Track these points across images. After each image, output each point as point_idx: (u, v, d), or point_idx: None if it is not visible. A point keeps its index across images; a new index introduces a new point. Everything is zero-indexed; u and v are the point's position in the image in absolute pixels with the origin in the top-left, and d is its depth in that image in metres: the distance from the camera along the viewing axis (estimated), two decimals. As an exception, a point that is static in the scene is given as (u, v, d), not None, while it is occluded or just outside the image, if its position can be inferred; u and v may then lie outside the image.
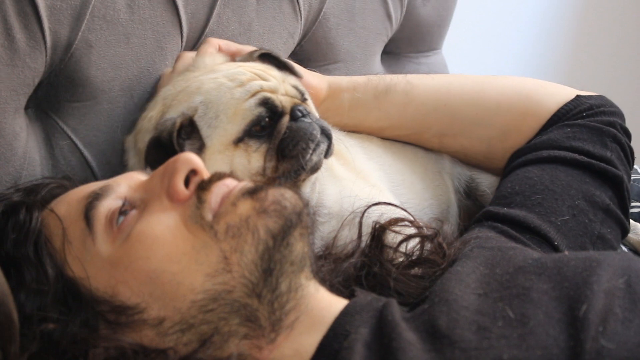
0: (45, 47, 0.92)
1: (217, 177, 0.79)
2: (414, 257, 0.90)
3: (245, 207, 0.75)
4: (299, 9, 1.33)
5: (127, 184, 0.81)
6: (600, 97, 1.17)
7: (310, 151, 0.95)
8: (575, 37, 2.67)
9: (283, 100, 0.96)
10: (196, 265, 0.72)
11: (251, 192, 0.76)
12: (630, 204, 1.09)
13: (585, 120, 1.12)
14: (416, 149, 1.21)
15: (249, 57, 1.04)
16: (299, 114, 0.96)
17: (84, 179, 0.92)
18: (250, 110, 0.93)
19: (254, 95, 0.94)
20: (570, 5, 2.63)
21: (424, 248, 0.91)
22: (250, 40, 1.24)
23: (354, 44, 1.48)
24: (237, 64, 1.00)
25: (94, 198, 0.77)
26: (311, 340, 0.74)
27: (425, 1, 1.68)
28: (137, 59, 1.04)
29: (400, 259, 0.90)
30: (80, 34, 0.96)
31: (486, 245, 0.92)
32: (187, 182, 0.78)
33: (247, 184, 0.79)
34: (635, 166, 1.42)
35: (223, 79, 0.95)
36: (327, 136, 0.97)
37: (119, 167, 1.03)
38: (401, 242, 0.91)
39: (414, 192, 1.16)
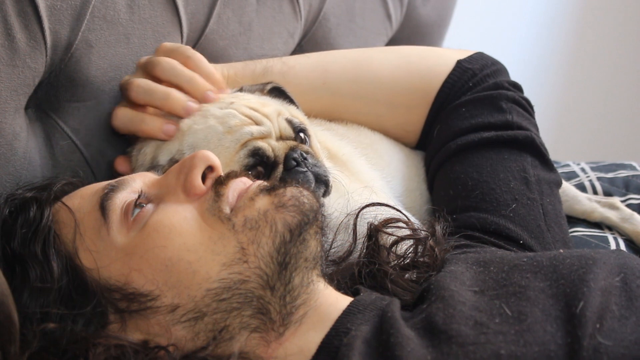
0: (46, 47, 0.92)
1: (234, 174, 0.80)
2: (407, 260, 0.91)
3: (264, 202, 0.77)
4: (299, 9, 1.33)
5: (142, 180, 0.82)
6: (478, 57, 1.16)
7: None
8: (575, 38, 2.67)
9: (276, 147, 0.93)
10: (212, 255, 0.74)
11: (269, 189, 0.78)
12: (548, 153, 1.09)
13: (474, 93, 1.11)
14: (416, 154, 1.21)
15: (260, 89, 1.04)
16: (293, 164, 0.93)
17: (84, 179, 0.93)
18: (240, 162, 0.92)
19: (244, 145, 0.92)
20: (570, 5, 2.64)
21: (417, 251, 0.91)
22: (250, 40, 1.24)
23: (354, 44, 1.49)
24: (231, 99, 0.97)
25: (110, 190, 0.79)
26: (315, 337, 0.75)
27: (425, 1, 1.69)
28: (137, 59, 1.04)
29: (394, 262, 0.91)
30: (80, 34, 0.96)
31: (470, 250, 0.92)
32: (203, 179, 0.79)
33: (263, 182, 0.80)
34: (634, 163, 1.43)
35: (213, 121, 0.93)
36: (323, 182, 0.94)
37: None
38: (393, 243, 0.91)
39: (414, 199, 1.17)
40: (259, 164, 0.92)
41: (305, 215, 0.76)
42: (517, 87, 1.14)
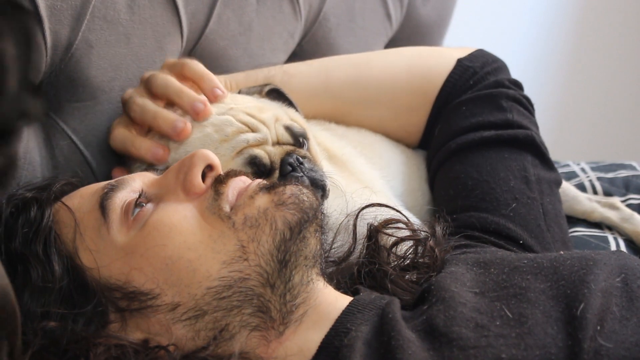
0: (46, 47, 0.92)
1: (234, 173, 0.81)
2: (407, 261, 0.91)
3: (263, 200, 0.77)
4: (299, 9, 1.33)
5: (141, 179, 0.82)
6: (479, 54, 1.16)
7: None
8: (575, 38, 2.67)
9: (272, 152, 0.93)
10: (213, 253, 0.74)
11: (269, 188, 0.78)
12: (548, 152, 1.09)
13: (474, 92, 1.11)
14: (418, 154, 1.21)
15: (258, 90, 1.04)
16: (289, 169, 0.92)
17: (84, 179, 0.93)
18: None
19: (240, 152, 0.92)
20: (570, 6, 2.64)
21: (417, 252, 0.91)
22: (250, 40, 1.24)
23: (354, 44, 1.49)
24: (230, 105, 0.97)
25: (110, 189, 0.79)
26: (315, 336, 0.75)
27: (425, 1, 1.69)
28: (137, 59, 1.04)
29: (394, 262, 0.91)
30: (80, 34, 0.96)
31: (470, 251, 0.92)
32: (203, 178, 0.79)
33: (263, 181, 0.80)
34: (634, 163, 1.43)
35: (210, 129, 0.93)
36: (320, 186, 0.94)
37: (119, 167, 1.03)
38: (393, 244, 0.91)
39: (415, 199, 1.17)
40: (256, 173, 0.91)
41: (305, 213, 0.77)
42: (517, 85, 1.14)
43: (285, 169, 0.92)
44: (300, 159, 0.94)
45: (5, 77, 0.52)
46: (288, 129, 0.96)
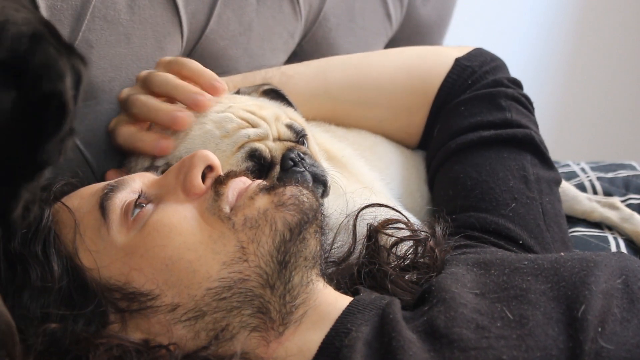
0: (46, 47, 0.92)
1: (234, 174, 0.81)
2: (407, 261, 0.91)
3: (263, 200, 0.77)
4: (299, 9, 1.33)
5: (141, 180, 0.82)
6: (477, 53, 1.16)
7: None
8: (575, 38, 2.67)
9: (273, 148, 0.93)
10: (212, 254, 0.74)
11: (269, 188, 0.78)
12: (547, 151, 1.09)
13: (473, 91, 1.11)
14: (417, 156, 1.21)
15: (255, 89, 1.04)
16: (290, 164, 0.92)
17: (84, 180, 0.93)
18: (237, 165, 0.91)
19: (240, 147, 0.92)
20: (570, 6, 2.64)
21: (417, 252, 0.91)
22: (250, 40, 1.24)
23: (354, 44, 1.49)
24: (229, 103, 0.97)
25: (110, 190, 0.79)
26: (315, 337, 0.75)
27: (425, 1, 1.69)
28: (137, 59, 1.04)
29: (394, 263, 0.91)
30: (80, 34, 0.96)
31: (470, 251, 0.92)
32: (203, 178, 0.79)
33: (263, 182, 0.81)
34: (634, 163, 1.43)
35: (210, 125, 0.93)
36: (322, 182, 0.93)
37: (118, 167, 1.03)
38: (393, 244, 0.91)
39: (414, 201, 1.17)
40: (257, 168, 0.91)
41: (305, 214, 0.76)
42: (516, 84, 1.14)
43: (286, 164, 0.92)
44: (302, 154, 0.94)
45: (65, 120, 0.52)
46: (288, 126, 0.96)
